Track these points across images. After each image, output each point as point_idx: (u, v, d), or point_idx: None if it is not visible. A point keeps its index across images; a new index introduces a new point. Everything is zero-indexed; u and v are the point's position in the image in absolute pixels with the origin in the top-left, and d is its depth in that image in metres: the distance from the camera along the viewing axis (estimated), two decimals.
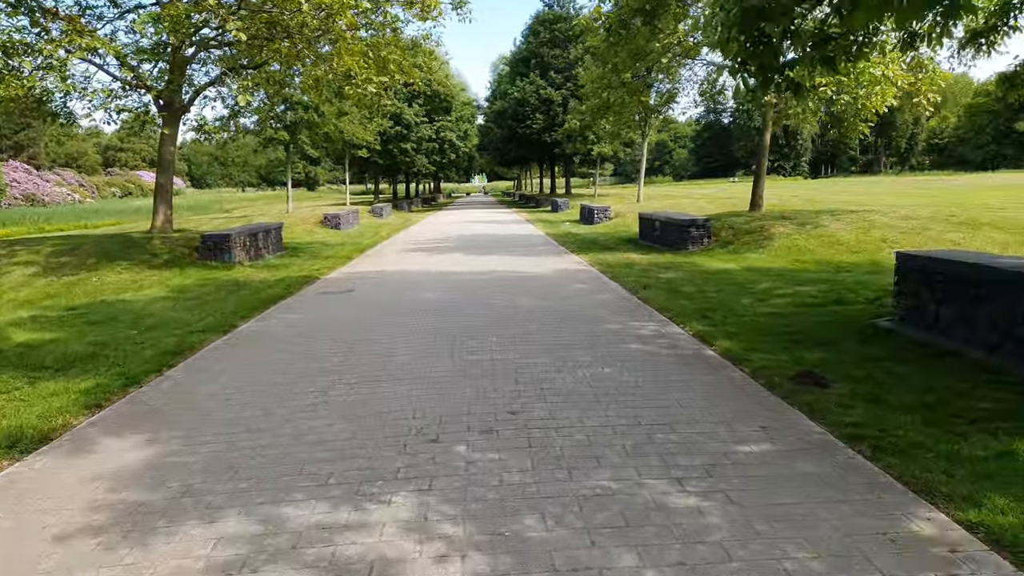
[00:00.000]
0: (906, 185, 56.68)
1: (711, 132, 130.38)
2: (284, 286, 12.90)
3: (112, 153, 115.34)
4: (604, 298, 10.39)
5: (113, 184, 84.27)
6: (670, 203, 29.91)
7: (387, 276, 13.90)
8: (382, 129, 42.84)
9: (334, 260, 17.38)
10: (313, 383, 6.32)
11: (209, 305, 11.01)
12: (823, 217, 16.56)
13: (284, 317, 9.83)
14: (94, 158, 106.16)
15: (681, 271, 12.84)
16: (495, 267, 14.66)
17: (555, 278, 12.73)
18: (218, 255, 16.37)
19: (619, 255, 16.06)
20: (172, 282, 13.78)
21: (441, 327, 8.54)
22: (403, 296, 11.18)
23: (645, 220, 19.24)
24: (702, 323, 8.16)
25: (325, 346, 7.80)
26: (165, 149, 18.05)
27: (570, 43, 49.45)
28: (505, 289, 11.52)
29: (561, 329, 8.20)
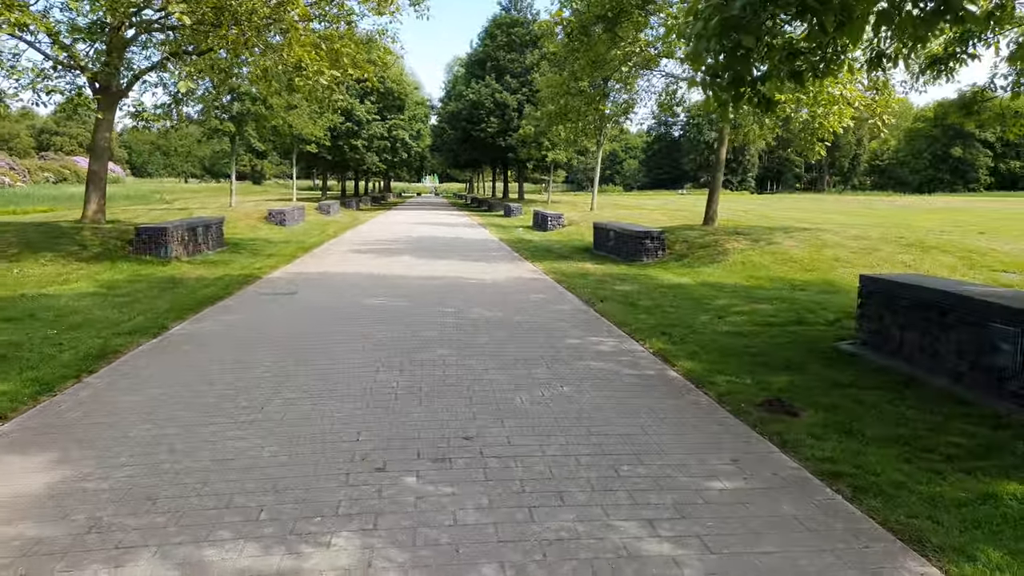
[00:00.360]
0: (850, 204, 58.21)
1: (661, 144, 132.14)
2: (223, 285, 12.24)
3: (47, 137, 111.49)
4: (561, 309, 10.06)
5: (47, 169, 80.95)
6: (623, 213, 29.89)
7: (333, 278, 13.34)
8: (333, 125, 41.95)
9: (277, 259, 16.70)
10: (248, 396, 5.80)
11: (140, 303, 10.32)
12: (776, 234, 16.58)
13: (221, 319, 9.23)
14: (27, 141, 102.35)
15: (637, 284, 12.61)
16: (447, 273, 14.22)
17: (510, 287, 12.36)
18: (153, 249, 15.55)
19: (574, 264, 15.79)
20: (102, 277, 12.97)
21: (390, 337, 8.07)
22: (350, 301, 10.67)
23: (600, 230, 19.04)
24: (662, 340, 7.88)
25: (264, 354, 7.27)
26: (100, 135, 17.10)
27: (527, 48, 49.32)
28: (458, 297, 11.10)
29: (517, 342, 7.82)
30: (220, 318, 9.34)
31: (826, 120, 15.41)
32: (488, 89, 49.25)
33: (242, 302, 10.64)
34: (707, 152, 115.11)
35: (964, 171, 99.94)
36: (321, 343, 7.75)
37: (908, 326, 6.68)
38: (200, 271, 14.24)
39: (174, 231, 15.88)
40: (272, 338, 8.02)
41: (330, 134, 43.07)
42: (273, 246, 19.87)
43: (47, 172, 79.00)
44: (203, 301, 10.56)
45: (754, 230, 17.57)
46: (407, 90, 54.17)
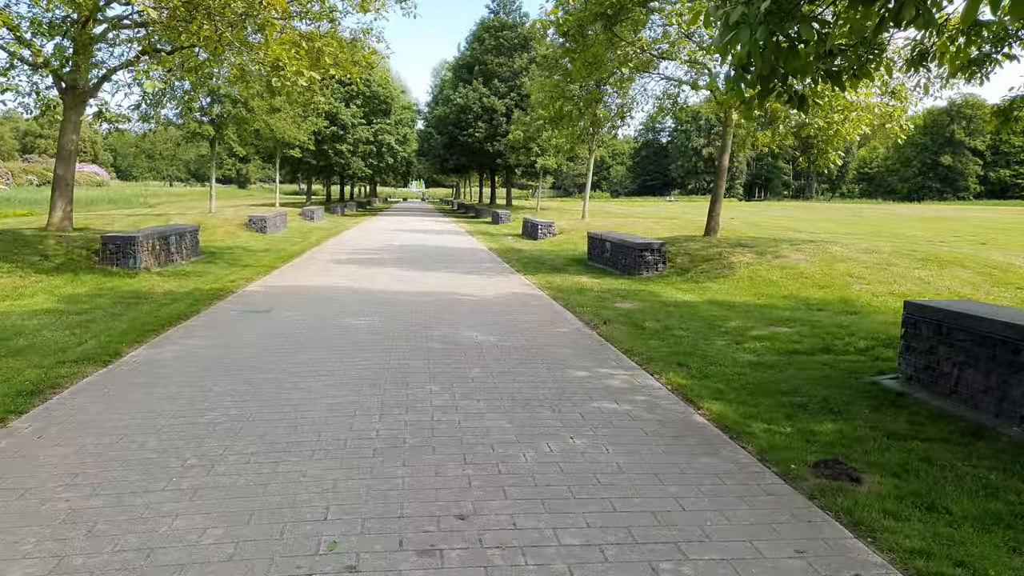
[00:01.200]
0: (841, 212, 57.69)
1: (649, 150, 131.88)
2: (191, 301, 11.23)
3: (31, 140, 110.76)
4: (561, 332, 9.12)
5: (30, 172, 79.98)
6: (615, 222, 29.04)
7: (311, 293, 12.35)
8: (317, 128, 40.90)
9: (254, 270, 15.69)
10: (198, 450, 4.84)
11: (97, 323, 9.31)
12: (783, 246, 15.74)
13: (183, 343, 8.23)
14: (11, 143, 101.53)
15: (639, 301, 11.70)
16: (435, 287, 13.27)
17: (504, 304, 11.42)
18: (121, 260, 14.50)
19: (569, 278, 14.87)
20: (61, 291, 11.93)
21: (370, 368, 7.10)
22: (328, 322, 9.68)
23: (595, 240, 18.15)
24: (680, 374, 6.97)
25: (225, 389, 6.29)
26: (66, 137, 16.03)
27: (515, 52, 48.55)
28: (447, 317, 10.15)
29: (516, 376, 6.87)
30: (182, 342, 8.34)
31: (842, 127, 14.60)
32: (476, 93, 48.37)
33: (210, 322, 9.64)
34: (695, 159, 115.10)
35: (954, 179, 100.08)
36: (292, 376, 6.78)
37: (967, 363, 5.80)
38: (169, 284, 13.22)
39: (144, 240, 14.84)
40: (237, 368, 7.03)
41: (315, 138, 42.03)
42: (251, 255, 18.85)
43: (31, 175, 78.11)
44: (167, 320, 9.56)
45: (758, 242, 16.73)
46: (393, 94, 53.17)
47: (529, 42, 49.01)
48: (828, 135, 15.04)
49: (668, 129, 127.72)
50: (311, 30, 15.46)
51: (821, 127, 14.73)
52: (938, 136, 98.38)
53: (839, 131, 14.76)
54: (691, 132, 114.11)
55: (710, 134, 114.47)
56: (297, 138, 36.99)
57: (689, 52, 13.88)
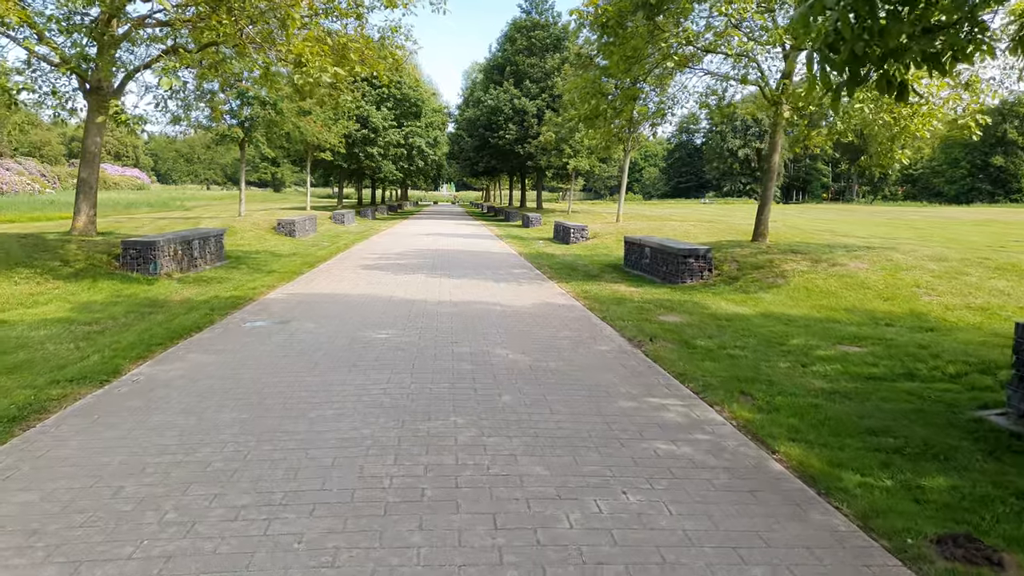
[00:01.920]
0: (885, 215, 55.81)
1: (683, 152, 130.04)
2: (207, 310, 10.56)
3: (77, 144, 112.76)
4: (602, 351, 8.23)
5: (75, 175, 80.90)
6: (650, 225, 28.01)
7: (336, 302, 11.62)
8: (347, 131, 40.44)
9: (278, 276, 15.04)
10: (181, 500, 4.06)
11: (105, 335, 8.68)
12: (839, 253, 14.66)
13: (190, 359, 7.51)
14: (58, 148, 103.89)
15: (686, 314, 10.76)
16: (464, 295, 12.46)
17: (537, 316, 10.55)
18: (141, 265, 13.94)
19: (606, 286, 13.97)
20: (77, 298, 11.36)
21: (389, 393, 6.29)
22: (347, 336, 8.91)
23: (632, 245, 17.22)
24: (745, 404, 6.05)
25: (224, 419, 5.53)
26: (90, 139, 15.54)
27: (547, 52, 47.73)
28: (476, 330, 9.32)
29: (554, 405, 6.01)
30: (189, 357, 7.63)
31: (911, 122, 13.44)
32: (507, 95, 47.60)
33: (222, 334, 8.93)
34: (731, 160, 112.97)
35: (1005, 181, 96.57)
36: (301, 401, 5.99)
37: None
38: (188, 291, 12.60)
39: (165, 245, 14.27)
40: (242, 391, 6.27)
41: (345, 141, 41.59)
42: (277, 260, 18.25)
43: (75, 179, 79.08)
44: (177, 333, 8.88)
45: (811, 248, 15.64)
46: (424, 96, 52.64)
47: (561, 42, 48.19)
48: (893, 131, 13.87)
49: (702, 130, 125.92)
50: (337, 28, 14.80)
51: (887, 122, 13.56)
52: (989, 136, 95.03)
53: (907, 126, 13.59)
54: (726, 133, 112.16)
55: (746, 135, 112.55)
56: (327, 141, 36.53)
57: (738, 43, 12.90)
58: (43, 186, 68.76)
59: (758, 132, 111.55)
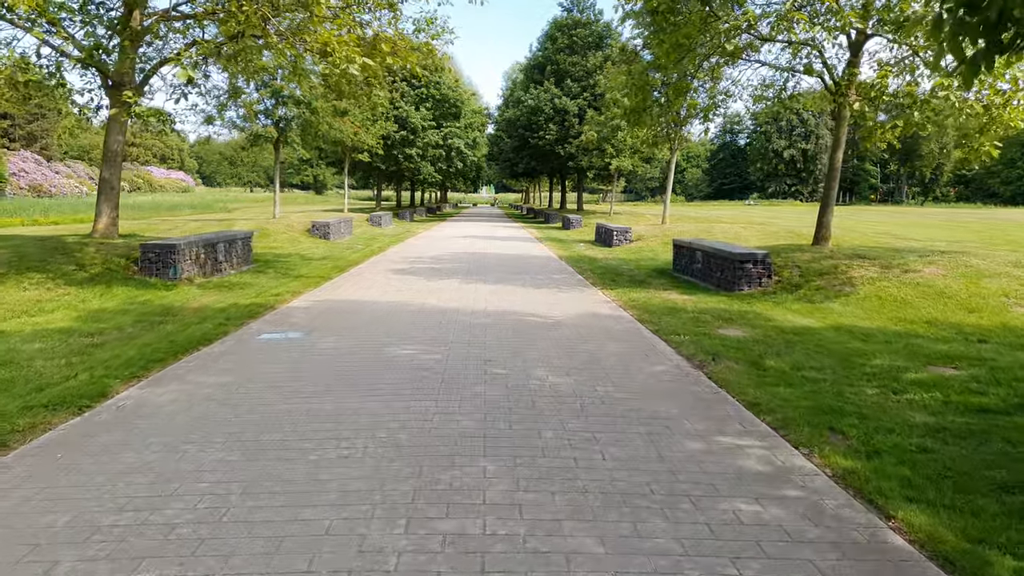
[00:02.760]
0: (938, 216, 53.41)
1: (726, 152, 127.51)
2: (221, 320, 9.76)
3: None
4: (657, 373, 7.17)
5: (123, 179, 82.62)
6: (699, 227, 26.72)
7: (362, 311, 10.74)
8: (386, 133, 39.83)
9: (306, 281, 14.25)
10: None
11: (103, 349, 7.91)
12: (910, 258, 13.34)
13: (188, 380, 6.66)
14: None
15: (748, 326, 9.63)
16: (501, 304, 11.48)
17: (579, 329, 9.51)
18: (160, 270, 13.27)
19: (655, 294, 12.87)
20: (86, 305, 10.67)
21: (408, 428, 5.33)
22: (369, 352, 7.99)
23: (682, 249, 16.07)
24: (837, 446, 4.97)
25: (208, 460, 4.63)
26: (112, 138, 14.95)
27: (589, 50, 46.61)
28: (512, 346, 8.32)
29: (606, 446, 4.98)
30: (189, 377, 6.78)
31: (1003, 112, 12.06)
32: (547, 94, 46.58)
33: (232, 348, 8.09)
34: (775, 161, 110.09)
35: None
36: (302, 438, 5.07)
37: None
38: (207, 298, 11.85)
39: (185, 249, 13.58)
40: (238, 423, 5.38)
41: (384, 143, 40.99)
42: (307, 264, 17.51)
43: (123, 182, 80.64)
44: (184, 346, 8.07)
45: (878, 252, 14.32)
46: (463, 97, 51.90)
47: (603, 40, 47.05)
48: (982, 122, 12.43)
49: (746, 131, 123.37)
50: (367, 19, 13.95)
51: (976, 112, 12.14)
52: None
53: (998, 117, 12.18)
54: (771, 134, 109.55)
55: (791, 136, 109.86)
56: (365, 142, 35.94)
57: (803, 27, 11.69)
58: (90, 188, 70.17)
59: (804, 132, 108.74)
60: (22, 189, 57.10)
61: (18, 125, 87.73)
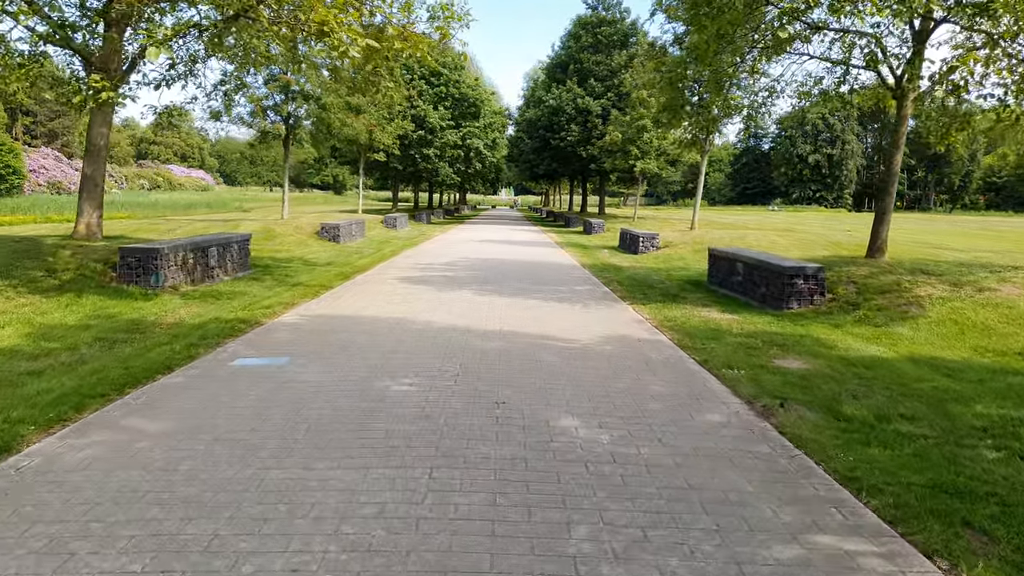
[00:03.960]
0: (970, 225, 51.27)
1: (749, 157, 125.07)
2: (196, 338, 8.43)
3: (145, 146, 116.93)
4: (714, 425, 5.70)
5: (142, 176, 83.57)
6: (731, 234, 25.15)
7: (359, 329, 9.37)
8: (402, 132, 38.53)
9: (303, 290, 12.93)
10: None
11: (43, 377, 6.61)
12: (980, 274, 11.77)
13: (122, 428, 5.30)
14: (127, 150, 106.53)
15: (809, 356, 8.15)
16: (518, 322, 10.06)
17: (611, 359, 8.05)
18: (141, 277, 11.98)
19: (693, 311, 11.39)
20: (46, 319, 9.37)
21: (386, 517, 3.90)
22: (359, 385, 6.60)
23: (720, 259, 14.57)
24: (989, 561, 3.50)
25: (97, 571, 3.25)
26: (95, 131, 13.69)
27: (614, 49, 45.09)
28: (532, 381, 6.88)
29: (663, 557, 3.54)
30: (126, 424, 5.42)
31: None
32: (570, 94, 45.10)
33: (196, 379, 6.73)
34: (800, 166, 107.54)
35: None
36: (239, 529, 3.68)
37: None
38: (188, 310, 10.54)
39: (170, 253, 12.28)
40: (160, 504, 4.00)
41: (400, 142, 39.69)
42: (310, 270, 16.19)
43: (143, 179, 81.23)
44: (139, 374, 6.73)
45: (943, 267, 12.73)
46: (483, 96, 50.50)
47: (629, 39, 45.53)
48: None
49: (771, 135, 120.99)
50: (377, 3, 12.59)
51: None
52: None
53: None
54: (796, 138, 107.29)
55: (817, 141, 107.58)
56: (381, 141, 34.65)
57: (870, 9, 10.16)
58: (109, 186, 70.09)
59: (830, 137, 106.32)
60: (40, 186, 56.91)
61: (40, 122, 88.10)
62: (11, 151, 52.08)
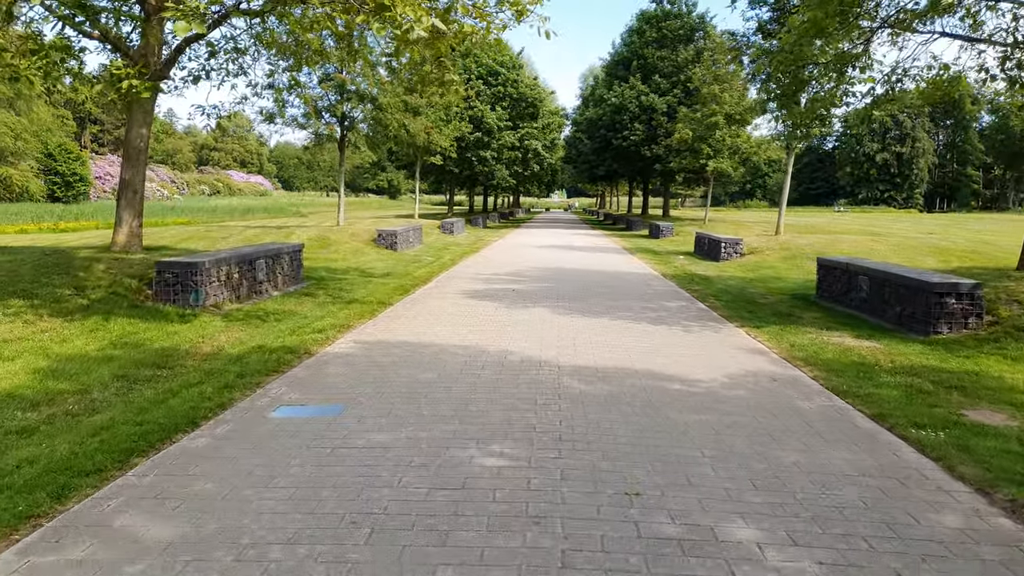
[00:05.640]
0: None
1: (812, 156, 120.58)
2: (232, 375, 6.98)
3: (206, 152, 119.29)
4: (951, 536, 3.85)
5: (203, 182, 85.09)
6: (823, 240, 22.95)
7: (423, 361, 7.78)
8: (460, 134, 37.10)
9: (360, 308, 11.45)
10: None
11: (34, 438, 5.28)
12: None
13: (113, 535, 3.78)
14: (188, 156, 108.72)
15: (1007, 406, 6.24)
16: (613, 353, 8.32)
17: (753, 411, 6.24)
18: (180, 294, 10.63)
19: (819, 336, 9.50)
20: (64, 348, 8.04)
21: None
22: (434, 451, 4.98)
23: (834, 270, 12.59)
24: None
25: None
26: (134, 132, 12.45)
27: (680, 44, 42.96)
28: (661, 450, 5.13)
29: None
30: (119, 526, 3.91)
31: None
32: (633, 91, 43.07)
33: (223, 440, 5.22)
34: (867, 165, 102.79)
35: None
36: None
37: None
38: (229, 334, 9.13)
39: (212, 268, 10.92)
40: None
41: (457, 144, 38.31)
42: (366, 283, 14.74)
43: (203, 185, 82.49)
44: (154, 433, 5.32)
45: None
46: (541, 95, 48.85)
47: (695, 33, 43.36)
48: None
49: (834, 133, 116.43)
50: None
51: None
52: None
53: None
54: (862, 137, 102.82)
55: (885, 139, 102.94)
56: (438, 144, 33.27)
57: None
58: (171, 192, 70.80)
59: (899, 135, 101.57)
60: (106, 192, 57.96)
61: (107, 130, 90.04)
62: (78, 159, 52.75)
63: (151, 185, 66.51)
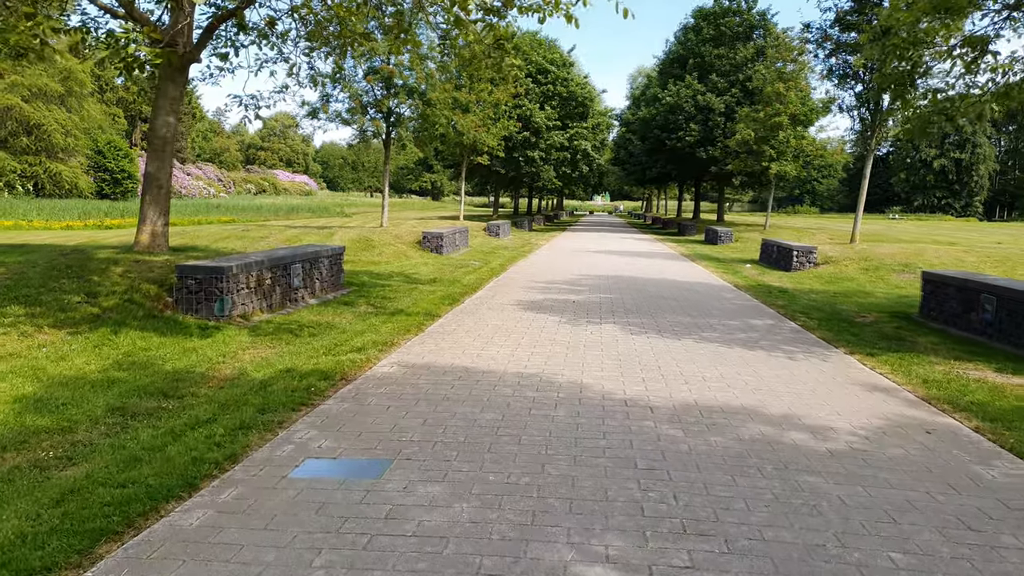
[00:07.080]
0: None
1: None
2: (252, 410, 5.70)
3: (253, 151, 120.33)
4: None
5: (249, 181, 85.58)
6: (904, 249, 21.07)
7: (482, 395, 6.40)
8: (508, 133, 35.81)
9: (404, 320, 10.15)
10: None
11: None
12: None
13: None
14: (235, 155, 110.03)
15: None
16: (711, 388, 6.84)
17: (925, 483, 4.74)
18: (203, 303, 9.43)
19: (950, 368, 7.89)
20: (61, 367, 6.89)
21: None
22: (512, 550, 3.59)
23: (945, 287, 10.90)
24: None
25: None
26: (160, 119, 11.32)
27: (739, 41, 41.06)
28: (819, 547, 3.69)
29: None
30: None
31: None
32: (689, 90, 41.25)
33: (227, 516, 3.92)
34: (924, 172, 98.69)
35: None
36: None
37: None
38: (255, 352, 7.90)
39: (239, 273, 9.71)
40: None
41: (504, 143, 37.00)
42: (411, 290, 13.45)
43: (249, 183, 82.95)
44: (137, 505, 4.09)
45: None
46: (591, 94, 47.27)
47: (754, 31, 41.41)
48: None
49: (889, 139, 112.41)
50: None
51: None
52: None
53: None
54: (919, 143, 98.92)
55: (943, 144, 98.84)
56: (486, 143, 31.98)
57: None
58: (218, 190, 70.97)
59: (958, 141, 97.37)
60: None
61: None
62: (127, 156, 52.74)
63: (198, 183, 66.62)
